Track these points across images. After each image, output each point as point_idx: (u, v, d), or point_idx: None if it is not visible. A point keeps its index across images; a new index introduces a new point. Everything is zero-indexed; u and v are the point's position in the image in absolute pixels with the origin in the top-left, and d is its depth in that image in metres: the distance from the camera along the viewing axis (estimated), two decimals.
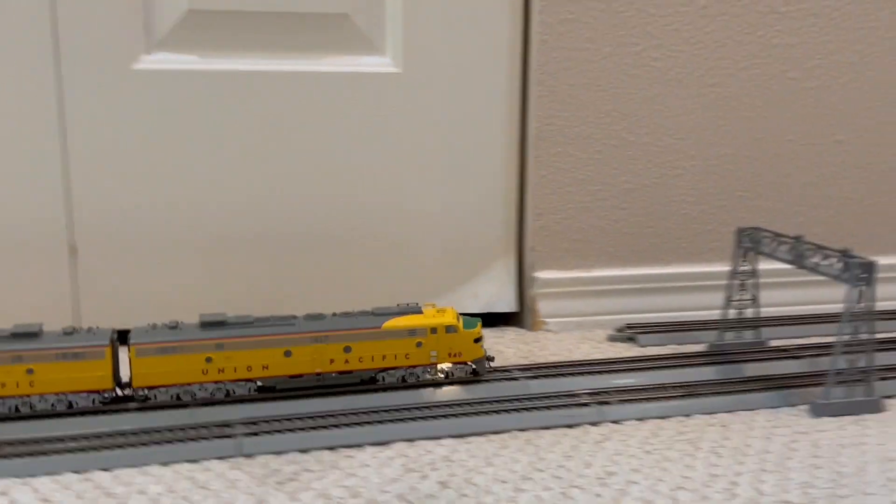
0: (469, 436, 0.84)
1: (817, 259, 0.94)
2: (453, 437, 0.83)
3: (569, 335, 1.17)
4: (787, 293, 1.22)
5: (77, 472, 0.75)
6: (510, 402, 0.89)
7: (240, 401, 0.87)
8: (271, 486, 0.74)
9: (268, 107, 1.09)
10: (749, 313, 1.07)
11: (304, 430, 0.82)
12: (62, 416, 0.84)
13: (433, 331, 0.91)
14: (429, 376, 0.92)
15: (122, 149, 1.06)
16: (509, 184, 1.19)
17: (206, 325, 0.88)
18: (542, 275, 1.19)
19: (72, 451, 0.77)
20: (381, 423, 0.84)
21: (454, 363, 0.93)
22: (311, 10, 1.08)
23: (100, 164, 1.06)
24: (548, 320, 1.19)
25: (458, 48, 1.13)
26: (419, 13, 1.11)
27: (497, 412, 0.87)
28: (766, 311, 1.08)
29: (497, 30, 1.14)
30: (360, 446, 0.81)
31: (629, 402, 0.90)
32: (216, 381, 0.88)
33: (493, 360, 0.96)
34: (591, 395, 0.91)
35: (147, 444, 0.78)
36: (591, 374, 0.97)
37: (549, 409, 0.88)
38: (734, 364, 1.02)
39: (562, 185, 1.18)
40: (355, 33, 1.11)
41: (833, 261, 0.92)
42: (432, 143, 1.15)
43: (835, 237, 1.22)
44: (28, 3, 1.01)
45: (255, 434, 0.81)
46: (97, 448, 0.77)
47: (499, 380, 0.95)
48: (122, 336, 0.88)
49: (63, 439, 0.79)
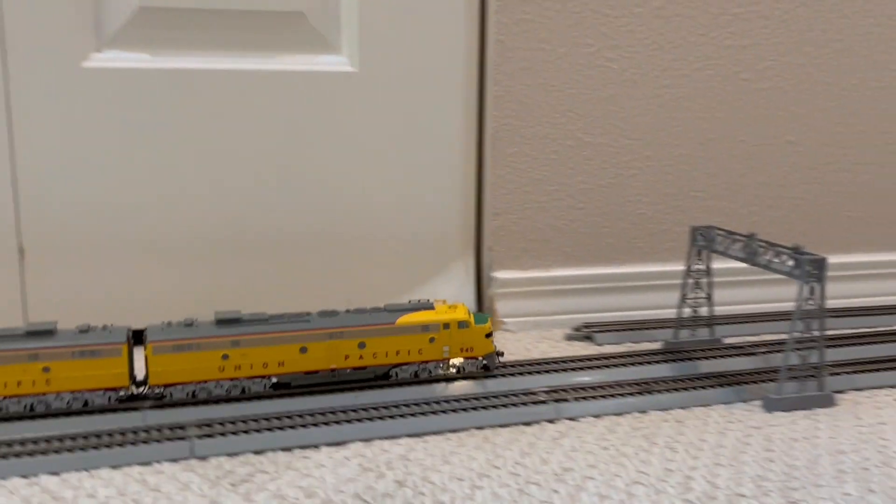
0: (426, 434, 0.84)
1: (769, 256, 0.95)
2: (410, 436, 0.83)
3: (527, 334, 1.17)
4: (741, 292, 1.23)
5: (24, 477, 0.73)
6: (467, 400, 0.89)
7: (192, 403, 0.86)
8: (224, 487, 0.73)
9: (221, 106, 1.08)
10: (704, 311, 1.08)
11: (258, 431, 0.81)
12: (8, 420, 0.82)
13: (446, 326, 0.92)
14: (441, 371, 0.93)
15: (72, 149, 1.04)
16: (467, 183, 1.18)
17: (222, 322, 0.87)
18: (500, 275, 1.19)
19: (18, 454, 0.75)
20: (338, 423, 0.83)
21: (466, 358, 0.93)
22: (265, 8, 1.07)
23: (48, 164, 1.04)
24: (506, 320, 1.19)
25: (415, 48, 1.13)
26: (375, 12, 1.11)
27: (455, 411, 0.87)
28: (720, 310, 1.09)
29: (453, 30, 1.14)
30: (317, 447, 0.80)
31: (586, 399, 0.90)
32: (232, 379, 0.87)
33: (502, 354, 0.97)
34: (548, 392, 0.91)
35: (97, 447, 0.77)
36: (548, 372, 0.98)
37: (506, 406, 0.88)
38: (689, 361, 1.03)
39: (519, 184, 1.18)
40: (311, 32, 1.10)
41: (785, 258, 0.93)
42: (389, 143, 1.14)
43: (787, 236, 1.23)
44: None
45: (209, 436, 0.79)
46: (44, 451, 0.76)
47: (456, 379, 0.94)
48: None
49: (10, 443, 0.77)
